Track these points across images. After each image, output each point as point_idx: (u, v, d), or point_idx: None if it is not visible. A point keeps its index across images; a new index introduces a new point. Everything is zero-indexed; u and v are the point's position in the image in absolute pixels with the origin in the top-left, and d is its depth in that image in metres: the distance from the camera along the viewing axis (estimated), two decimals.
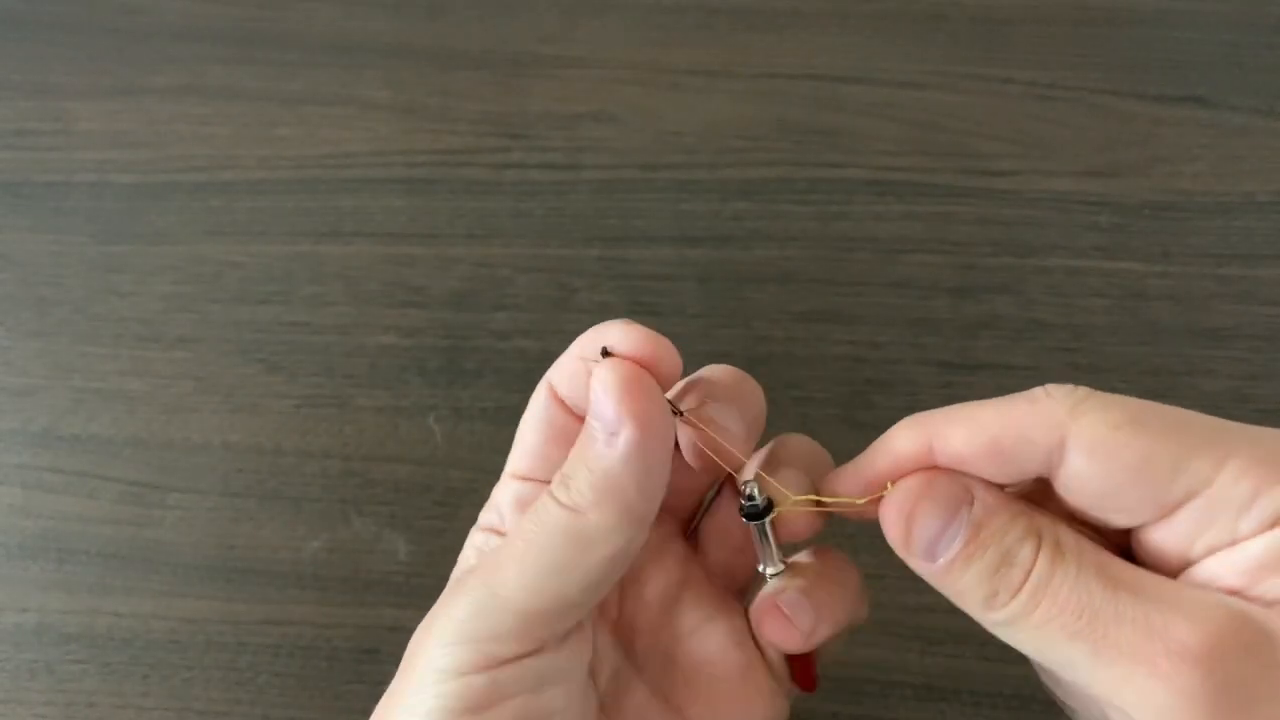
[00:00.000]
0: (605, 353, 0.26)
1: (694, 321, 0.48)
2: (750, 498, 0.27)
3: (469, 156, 0.52)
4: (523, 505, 0.28)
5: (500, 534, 0.29)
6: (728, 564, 0.31)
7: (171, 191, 0.52)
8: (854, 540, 0.44)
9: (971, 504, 0.24)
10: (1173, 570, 0.23)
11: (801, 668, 0.30)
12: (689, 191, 0.51)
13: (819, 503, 0.27)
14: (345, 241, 0.51)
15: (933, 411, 0.25)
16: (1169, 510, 0.23)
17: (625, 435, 0.25)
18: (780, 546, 0.28)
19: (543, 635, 0.26)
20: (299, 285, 0.50)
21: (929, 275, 0.49)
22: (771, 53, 0.54)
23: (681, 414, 0.26)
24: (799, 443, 0.29)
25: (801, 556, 0.30)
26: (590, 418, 0.25)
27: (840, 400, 0.46)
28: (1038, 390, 0.25)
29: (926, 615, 0.42)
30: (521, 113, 0.53)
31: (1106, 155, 0.51)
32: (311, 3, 0.57)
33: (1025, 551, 0.23)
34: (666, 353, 0.26)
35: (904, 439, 0.25)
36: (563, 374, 0.28)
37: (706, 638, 0.29)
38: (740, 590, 0.31)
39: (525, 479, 0.29)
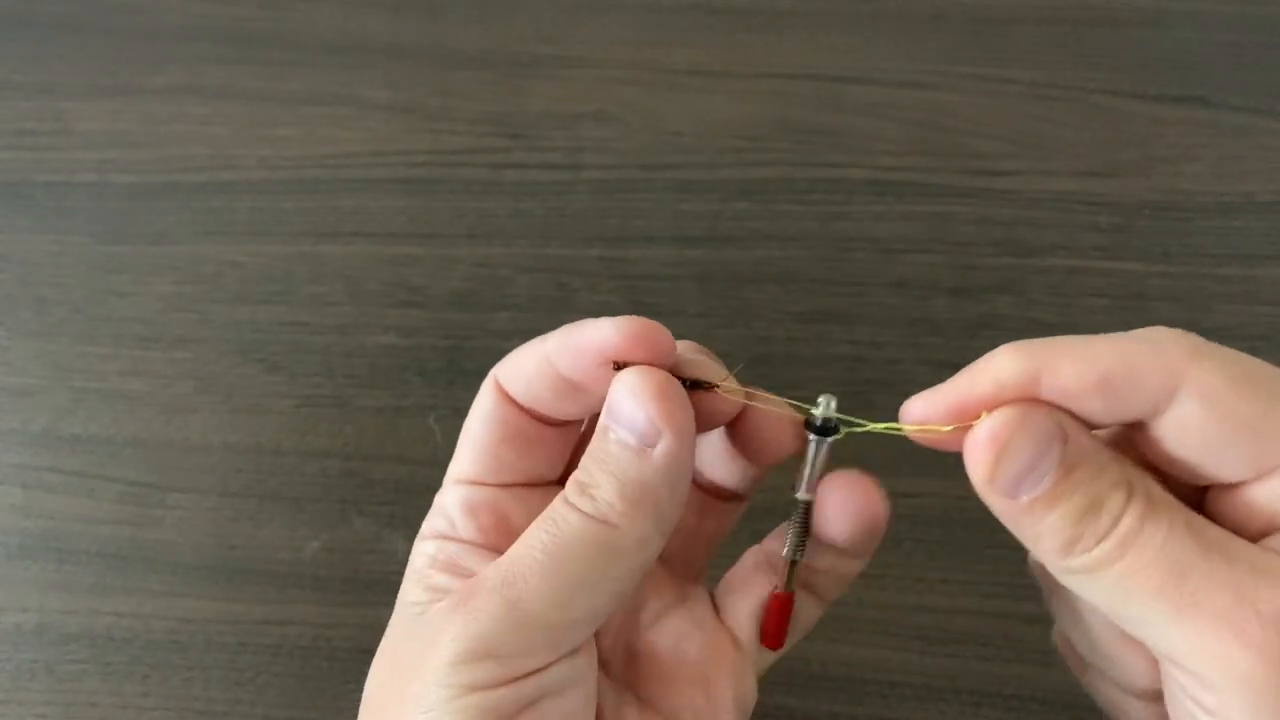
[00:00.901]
0: (617, 365, 0.25)
1: (694, 321, 0.48)
2: (827, 416, 0.28)
3: (469, 156, 0.52)
4: (473, 511, 0.28)
5: (454, 540, 0.28)
6: (684, 550, 0.30)
7: (171, 191, 0.52)
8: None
9: (1065, 442, 0.23)
10: (1252, 534, 0.23)
11: (775, 626, 0.30)
12: (689, 191, 0.51)
13: (896, 428, 0.26)
14: (345, 241, 0.51)
15: (1038, 340, 0.24)
16: (1267, 472, 0.22)
17: (664, 446, 0.25)
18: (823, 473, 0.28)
19: (570, 645, 0.25)
20: (299, 285, 0.50)
21: (929, 275, 0.48)
22: (771, 53, 0.54)
23: (716, 386, 0.26)
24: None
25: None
26: (616, 426, 0.25)
27: (840, 400, 0.46)
28: (1150, 331, 0.24)
29: (926, 615, 0.42)
30: (521, 113, 0.53)
31: (1106, 155, 0.51)
32: (311, 3, 0.57)
33: (1116, 499, 0.22)
34: (674, 347, 0.26)
35: (1009, 364, 0.24)
36: (518, 372, 0.27)
37: (668, 626, 0.29)
38: (697, 574, 0.31)
39: (475, 483, 0.28)
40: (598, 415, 0.26)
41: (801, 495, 0.28)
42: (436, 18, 0.56)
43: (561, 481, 0.29)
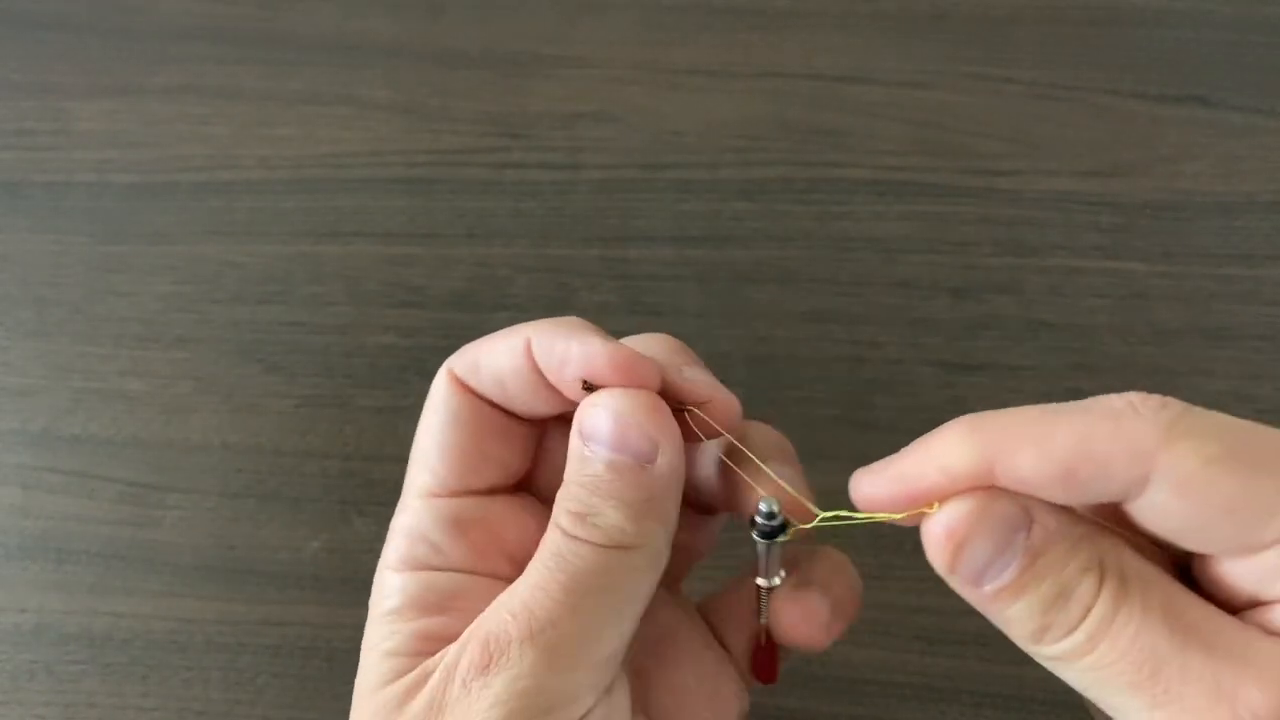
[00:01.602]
0: (588, 385, 0.25)
1: (694, 321, 0.48)
2: (771, 515, 0.26)
3: (469, 156, 0.52)
4: (461, 528, 0.26)
5: (442, 570, 0.26)
6: (679, 564, 0.29)
7: (171, 191, 0.52)
8: (854, 539, 0.44)
9: (1030, 529, 0.22)
10: (1240, 603, 0.22)
11: (767, 660, 0.30)
12: (689, 191, 0.51)
13: (847, 518, 0.25)
14: (345, 241, 0.51)
15: (991, 416, 0.22)
16: (1254, 550, 0.21)
17: (664, 458, 0.24)
18: (782, 559, 0.27)
19: (608, 679, 0.25)
20: (298, 285, 0.50)
21: (929, 275, 0.48)
22: (771, 53, 0.54)
23: (688, 409, 0.26)
24: (767, 433, 0.28)
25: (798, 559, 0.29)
26: (607, 450, 0.24)
27: (840, 400, 0.46)
28: (1120, 402, 0.21)
29: (926, 615, 0.42)
30: (521, 112, 0.53)
31: (1107, 155, 0.51)
32: (311, 2, 0.57)
33: (1086, 586, 0.21)
34: (648, 371, 0.25)
35: (959, 451, 0.22)
36: (484, 366, 0.26)
37: (674, 645, 0.28)
38: (677, 585, 0.31)
39: (455, 494, 0.26)
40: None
41: (760, 582, 0.27)
42: (436, 18, 0.56)
43: (527, 485, 0.28)
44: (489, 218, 0.51)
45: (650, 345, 0.27)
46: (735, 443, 0.26)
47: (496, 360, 0.26)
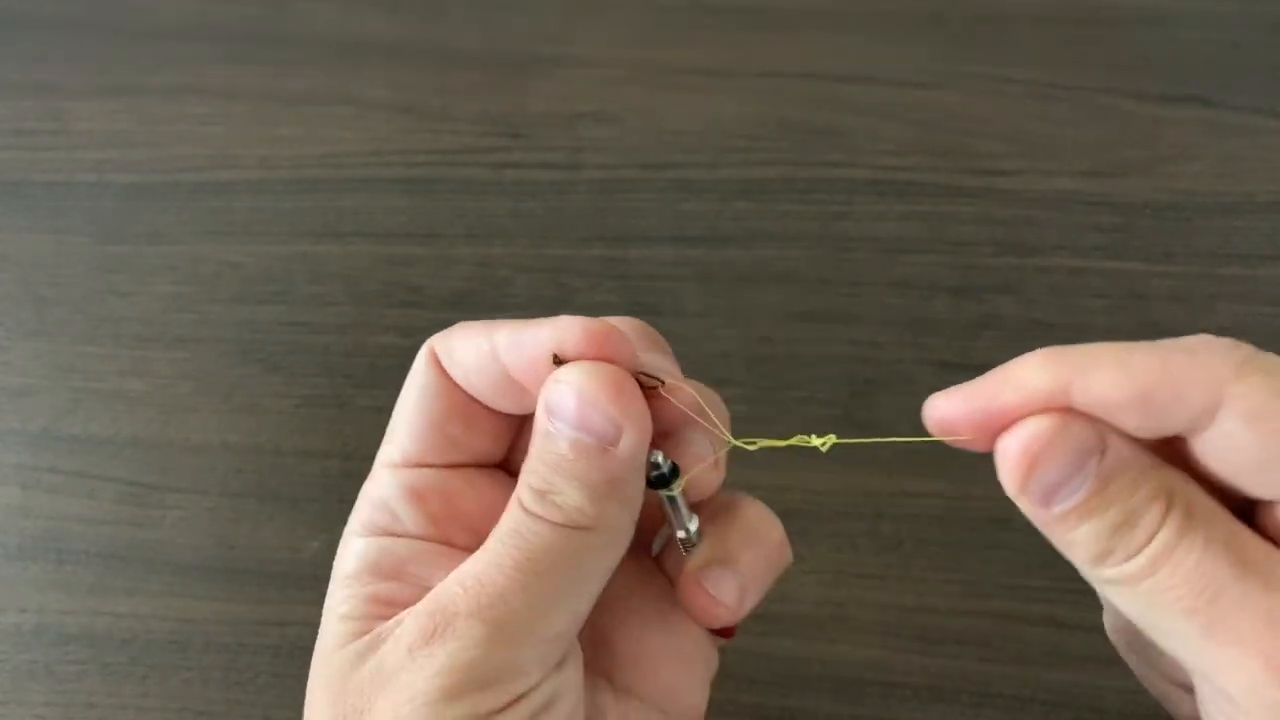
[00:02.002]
0: (556, 359, 0.24)
1: (694, 321, 0.48)
2: (656, 465, 0.25)
3: (468, 156, 0.52)
4: (419, 497, 0.26)
5: (399, 537, 0.26)
6: (642, 529, 0.29)
7: (171, 191, 0.52)
8: (854, 539, 0.44)
9: (1103, 454, 0.22)
10: None
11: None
12: (689, 191, 0.51)
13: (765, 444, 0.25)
14: (345, 241, 0.51)
15: (1071, 348, 0.22)
16: None
17: (628, 440, 0.24)
18: (690, 508, 0.27)
19: (558, 656, 0.25)
20: (298, 285, 0.50)
21: (929, 275, 0.48)
22: (771, 53, 0.54)
23: (662, 383, 0.25)
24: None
25: (719, 510, 0.28)
26: (566, 427, 0.24)
27: (840, 400, 0.46)
28: (1194, 340, 0.22)
29: (926, 616, 0.42)
30: (521, 112, 0.53)
31: (1107, 155, 0.51)
32: (311, 3, 0.57)
33: (1153, 513, 0.21)
34: (621, 343, 0.24)
35: (1039, 373, 0.22)
36: (457, 358, 0.26)
37: (635, 609, 0.28)
38: (646, 547, 0.30)
39: (416, 465, 0.26)
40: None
41: (684, 536, 0.27)
42: (436, 18, 0.56)
43: (506, 464, 0.28)
44: (489, 218, 0.51)
45: (620, 326, 0.26)
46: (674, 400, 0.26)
47: (465, 354, 0.26)
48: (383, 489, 0.27)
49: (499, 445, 0.28)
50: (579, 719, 0.25)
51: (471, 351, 0.26)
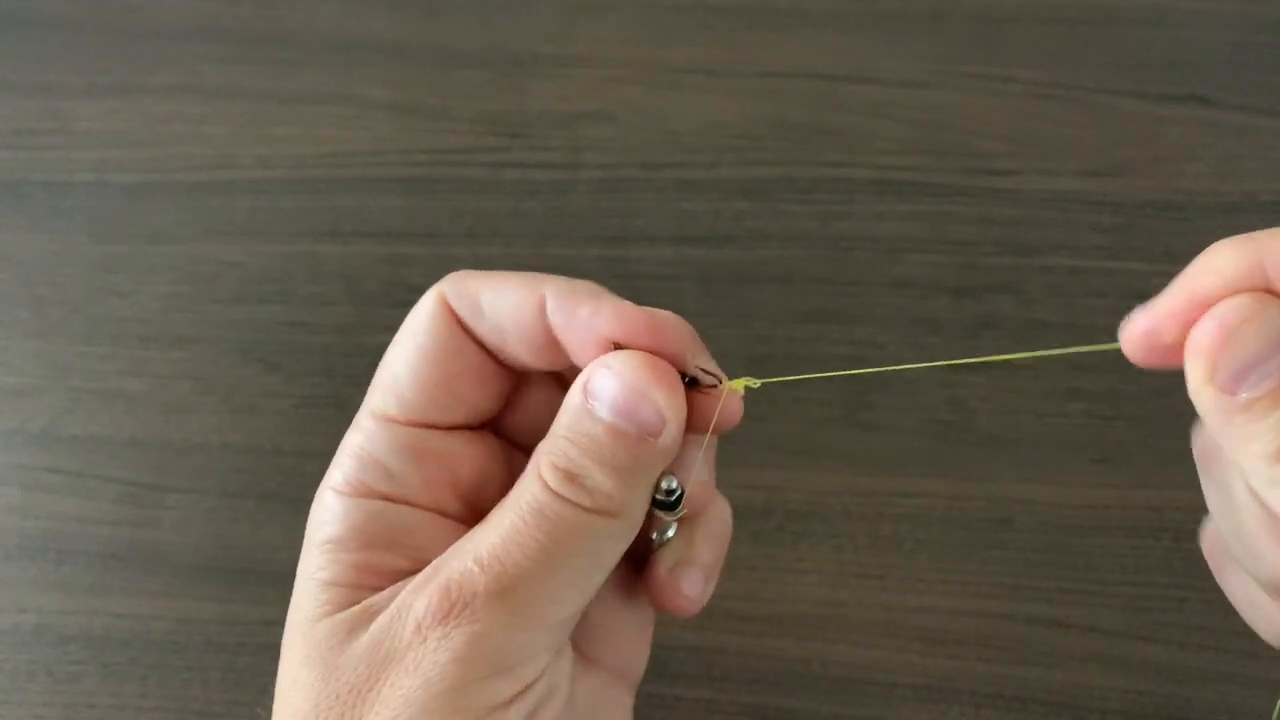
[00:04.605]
0: (615, 345, 0.24)
1: (694, 321, 0.48)
2: (671, 490, 0.25)
3: (468, 156, 0.52)
4: (420, 459, 0.25)
5: (394, 501, 0.24)
6: None
7: (170, 191, 0.52)
8: (853, 539, 0.44)
9: None
10: None
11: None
12: (689, 191, 0.51)
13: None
14: (344, 241, 0.51)
15: (1259, 232, 0.22)
16: None
17: (668, 435, 0.23)
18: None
19: (563, 640, 0.24)
20: (298, 285, 0.50)
21: (929, 275, 0.48)
22: (771, 53, 0.54)
23: (713, 387, 0.25)
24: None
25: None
26: (611, 414, 0.23)
27: (840, 400, 0.46)
28: None
29: (926, 615, 0.42)
30: (521, 112, 0.53)
31: (1108, 155, 0.51)
32: (311, 3, 0.57)
33: None
34: (678, 339, 0.24)
35: (1227, 257, 0.22)
36: (485, 306, 0.24)
37: (610, 586, 0.27)
38: None
39: (420, 425, 0.25)
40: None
41: (653, 536, 0.27)
42: (436, 17, 0.56)
43: (492, 424, 0.27)
44: (489, 218, 0.51)
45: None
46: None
47: (502, 306, 0.25)
48: (376, 445, 0.25)
49: (498, 405, 0.27)
50: (569, 701, 0.25)
51: (510, 304, 0.25)
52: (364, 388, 0.48)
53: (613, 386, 0.23)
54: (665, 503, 0.25)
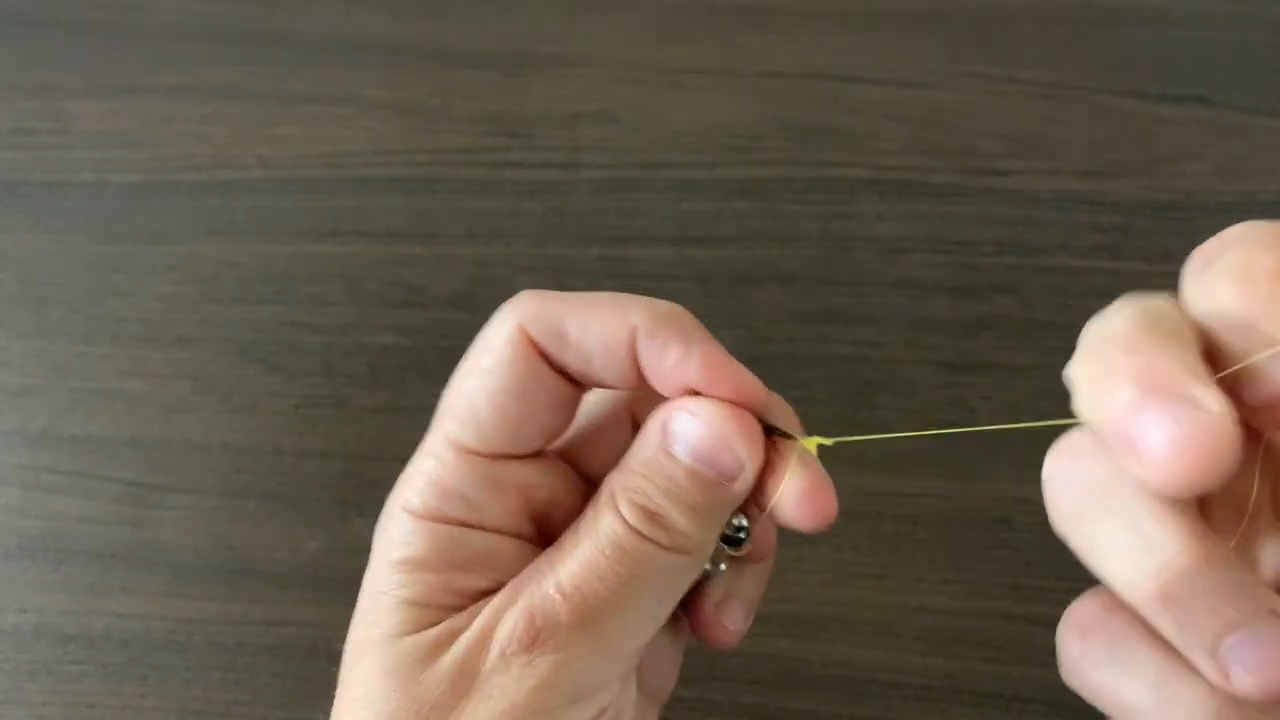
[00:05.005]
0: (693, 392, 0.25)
1: None
2: (741, 527, 0.26)
3: (468, 156, 0.52)
4: (501, 489, 0.25)
5: (473, 528, 0.25)
6: None
7: (170, 191, 0.52)
8: (853, 539, 0.44)
9: None
10: None
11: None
12: (689, 191, 0.51)
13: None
14: (345, 241, 0.51)
15: None
16: None
17: (744, 481, 0.24)
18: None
19: (634, 666, 0.25)
20: (298, 285, 0.50)
21: (930, 275, 0.48)
22: (771, 53, 0.54)
23: (792, 437, 0.26)
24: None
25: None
26: (692, 458, 0.24)
27: (841, 400, 0.46)
28: None
29: (927, 616, 0.42)
30: (521, 112, 0.53)
31: (1108, 155, 0.51)
32: (311, 3, 0.57)
33: None
34: (758, 395, 0.25)
35: None
36: (568, 332, 0.24)
37: None
38: None
39: (501, 458, 0.25)
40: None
41: (705, 567, 0.27)
42: (436, 17, 0.56)
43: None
44: (489, 218, 0.51)
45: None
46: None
47: (590, 337, 0.24)
48: (456, 477, 0.25)
49: (568, 425, 0.27)
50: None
51: (597, 334, 0.24)
52: (364, 387, 0.48)
53: (696, 431, 0.24)
54: (732, 538, 0.26)
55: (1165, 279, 0.30)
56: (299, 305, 0.49)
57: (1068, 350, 0.49)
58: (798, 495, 0.25)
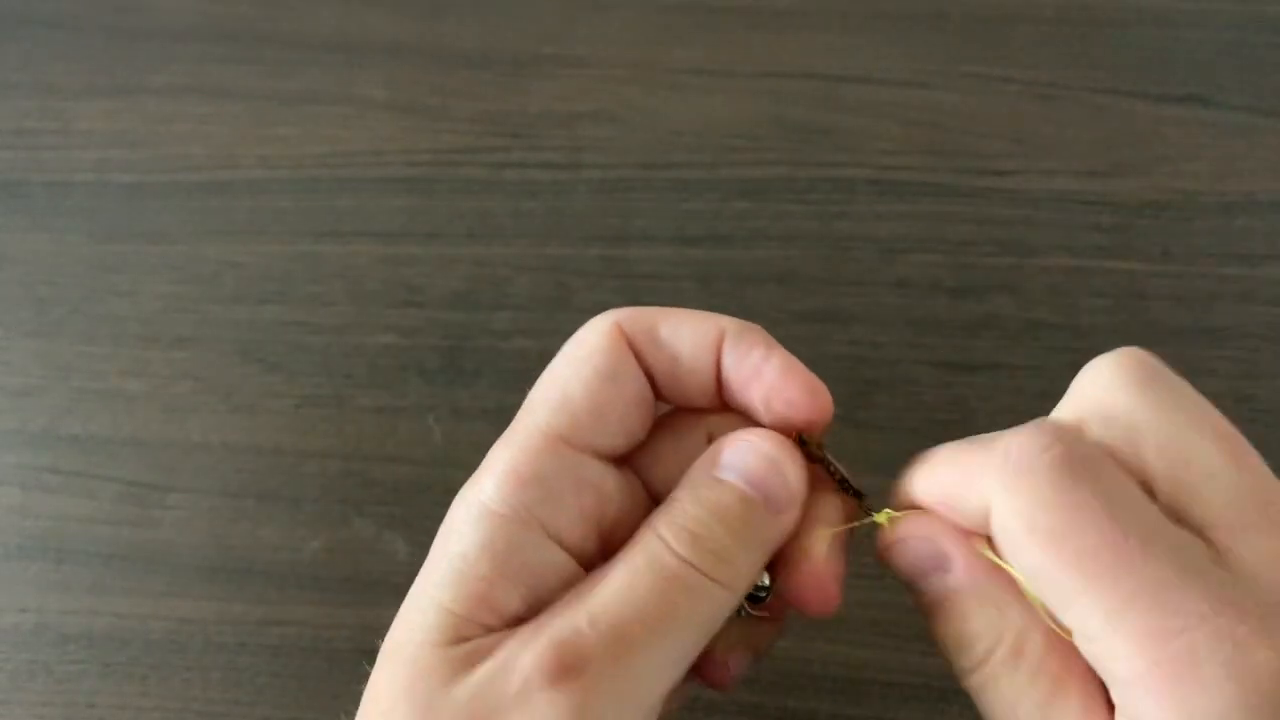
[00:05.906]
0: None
1: None
2: (763, 586, 0.26)
3: (468, 156, 0.52)
4: (582, 487, 0.24)
5: (545, 528, 0.24)
6: None
7: (170, 191, 0.52)
8: (856, 539, 0.43)
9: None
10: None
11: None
12: (689, 191, 0.51)
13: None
14: (344, 241, 0.51)
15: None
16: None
17: (791, 514, 0.25)
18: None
19: (660, 707, 0.24)
20: (298, 285, 0.50)
21: (929, 275, 0.48)
22: (771, 53, 0.54)
23: (863, 496, 0.28)
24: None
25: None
26: (745, 484, 0.24)
27: (841, 400, 0.46)
28: (1005, 437, 0.23)
29: None
30: (521, 112, 0.53)
31: (1107, 155, 0.51)
32: (311, 3, 0.57)
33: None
34: (826, 401, 0.26)
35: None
36: (663, 335, 0.25)
37: None
38: None
39: (583, 449, 0.25)
40: None
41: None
42: (436, 17, 0.56)
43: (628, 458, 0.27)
44: (489, 218, 0.51)
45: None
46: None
47: (681, 341, 0.25)
48: (543, 465, 0.24)
49: (644, 437, 0.27)
50: None
51: (689, 336, 0.25)
52: (364, 387, 0.48)
53: (749, 456, 0.24)
54: (754, 595, 0.26)
55: (1165, 279, 0.30)
56: (299, 305, 0.49)
57: (1068, 350, 0.49)
58: (817, 576, 0.26)
